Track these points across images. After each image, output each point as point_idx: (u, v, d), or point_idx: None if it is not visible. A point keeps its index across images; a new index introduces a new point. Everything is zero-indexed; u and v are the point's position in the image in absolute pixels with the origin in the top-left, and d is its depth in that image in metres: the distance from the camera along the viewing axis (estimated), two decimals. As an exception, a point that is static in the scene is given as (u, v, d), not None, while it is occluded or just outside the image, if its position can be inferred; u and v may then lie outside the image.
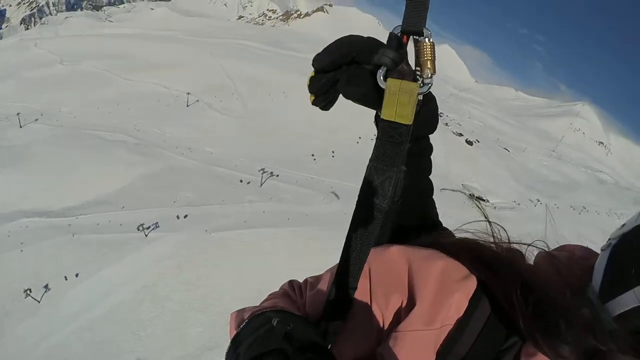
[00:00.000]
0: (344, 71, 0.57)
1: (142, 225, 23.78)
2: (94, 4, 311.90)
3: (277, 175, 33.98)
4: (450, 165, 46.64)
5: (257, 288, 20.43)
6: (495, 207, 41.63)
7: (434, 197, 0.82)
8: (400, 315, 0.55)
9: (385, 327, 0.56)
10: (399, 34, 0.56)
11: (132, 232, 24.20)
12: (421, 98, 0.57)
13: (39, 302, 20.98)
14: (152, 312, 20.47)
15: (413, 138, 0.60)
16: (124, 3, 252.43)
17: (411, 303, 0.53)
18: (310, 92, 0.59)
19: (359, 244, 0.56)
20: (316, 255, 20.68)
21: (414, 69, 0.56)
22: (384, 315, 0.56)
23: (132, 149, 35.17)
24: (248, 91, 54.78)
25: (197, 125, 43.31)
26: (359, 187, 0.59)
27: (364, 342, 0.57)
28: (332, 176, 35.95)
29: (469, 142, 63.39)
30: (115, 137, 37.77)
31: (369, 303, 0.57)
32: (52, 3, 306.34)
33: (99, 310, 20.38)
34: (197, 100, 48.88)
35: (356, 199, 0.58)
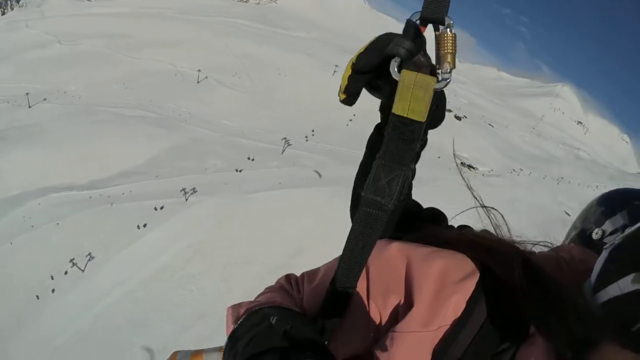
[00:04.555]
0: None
1: (184, 189, 24.61)
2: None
3: (309, 140, 35.56)
4: (442, 138, 49.88)
5: (293, 240, 21.82)
6: (483, 175, 45.71)
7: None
8: (397, 315, 0.54)
9: (383, 327, 0.55)
10: (417, 22, 0.51)
11: (170, 198, 25.00)
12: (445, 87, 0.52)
13: (83, 271, 21.32)
14: (200, 267, 21.37)
15: None
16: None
17: (409, 303, 0.52)
18: (345, 92, 0.57)
19: (360, 243, 0.54)
20: (340, 213, 22.10)
21: (432, 60, 0.51)
22: (381, 314, 0.55)
23: (152, 122, 35.62)
24: (253, 69, 55.28)
25: (209, 100, 43.95)
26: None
27: (361, 341, 0.57)
28: (341, 145, 37.55)
29: (458, 118, 66.35)
30: (132, 112, 37.98)
31: (367, 302, 0.57)
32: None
33: (147, 271, 20.96)
34: (207, 77, 49.36)
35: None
